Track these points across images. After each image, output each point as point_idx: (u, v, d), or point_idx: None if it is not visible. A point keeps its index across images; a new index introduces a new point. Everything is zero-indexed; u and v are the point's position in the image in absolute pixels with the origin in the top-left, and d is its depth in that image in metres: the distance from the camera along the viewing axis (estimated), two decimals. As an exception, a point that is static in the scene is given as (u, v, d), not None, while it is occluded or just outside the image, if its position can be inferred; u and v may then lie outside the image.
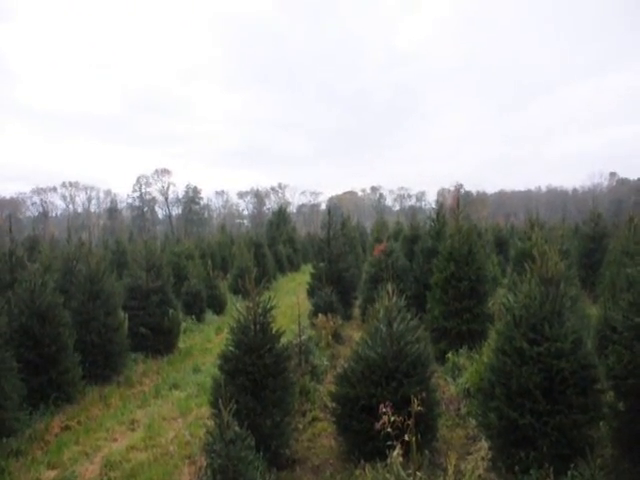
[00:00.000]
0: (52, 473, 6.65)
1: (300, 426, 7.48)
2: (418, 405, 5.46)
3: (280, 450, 6.38)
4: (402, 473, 3.25)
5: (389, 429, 5.07)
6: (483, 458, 5.82)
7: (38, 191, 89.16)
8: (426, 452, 5.92)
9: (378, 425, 4.90)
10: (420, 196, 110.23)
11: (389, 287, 6.97)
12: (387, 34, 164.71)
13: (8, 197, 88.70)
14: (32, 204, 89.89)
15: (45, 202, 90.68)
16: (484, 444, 6.05)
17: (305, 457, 6.77)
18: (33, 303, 9.01)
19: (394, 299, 6.92)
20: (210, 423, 6.34)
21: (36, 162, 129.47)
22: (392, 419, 5.02)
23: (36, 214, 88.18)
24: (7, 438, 7.24)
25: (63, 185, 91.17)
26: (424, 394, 5.74)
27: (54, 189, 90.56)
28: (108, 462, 6.80)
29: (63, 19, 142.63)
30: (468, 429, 7.32)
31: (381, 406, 4.93)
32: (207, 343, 13.73)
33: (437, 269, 11.28)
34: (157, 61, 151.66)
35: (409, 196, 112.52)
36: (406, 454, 5.07)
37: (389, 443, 5.24)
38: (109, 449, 7.33)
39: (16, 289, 9.40)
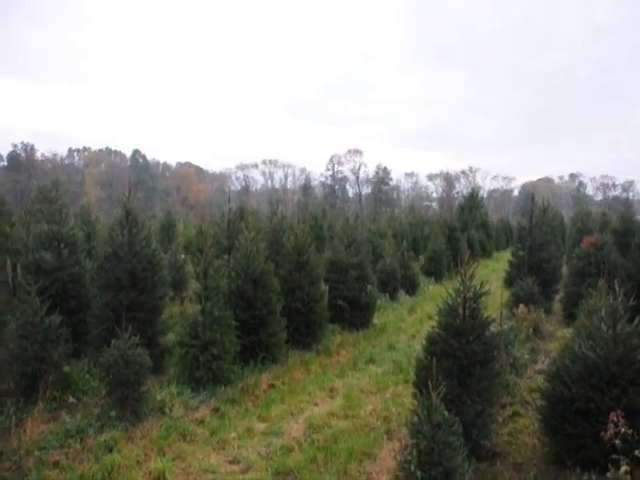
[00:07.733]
0: (262, 425, 7.21)
1: (500, 419, 7.15)
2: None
3: (481, 441, 6.14)
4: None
5: (617, 440, 4.59)
6: None
7: (242, 167, 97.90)
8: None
9: (606, 434, 4.45)
10: (627, 186, 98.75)
11: (616, 284, 6.31)
12: (582, 6, 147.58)
13: (218, 172, 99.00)
14: (236, 179, 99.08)
15: (247, 177, 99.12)
16: None
17: (506, 452, 6.44)
18: (248, 268, 9.78)
19: (620, 297, 6.23)
20: (410, 402, 6.33)
21: (242, 141, 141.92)
22: (622, 430, 4.53)
23: (239, 188, 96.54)
24: (225, 387, 8.09)
25: (263, 162, 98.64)
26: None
27: (255, 166, 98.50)
28: (311, 424, 7.14)
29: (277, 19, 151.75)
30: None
31: (612, 414, 4.46)
32: (400, 322, 13.81)
33: (664, 268, 9.98)
34: (340, 47, 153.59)
35: (614, 186, 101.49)
36: (631, 472, 4.56)
37: (613, 456, 4.75)
38: (311, 412, 7.72)
39: (233, 254, 10.27)
